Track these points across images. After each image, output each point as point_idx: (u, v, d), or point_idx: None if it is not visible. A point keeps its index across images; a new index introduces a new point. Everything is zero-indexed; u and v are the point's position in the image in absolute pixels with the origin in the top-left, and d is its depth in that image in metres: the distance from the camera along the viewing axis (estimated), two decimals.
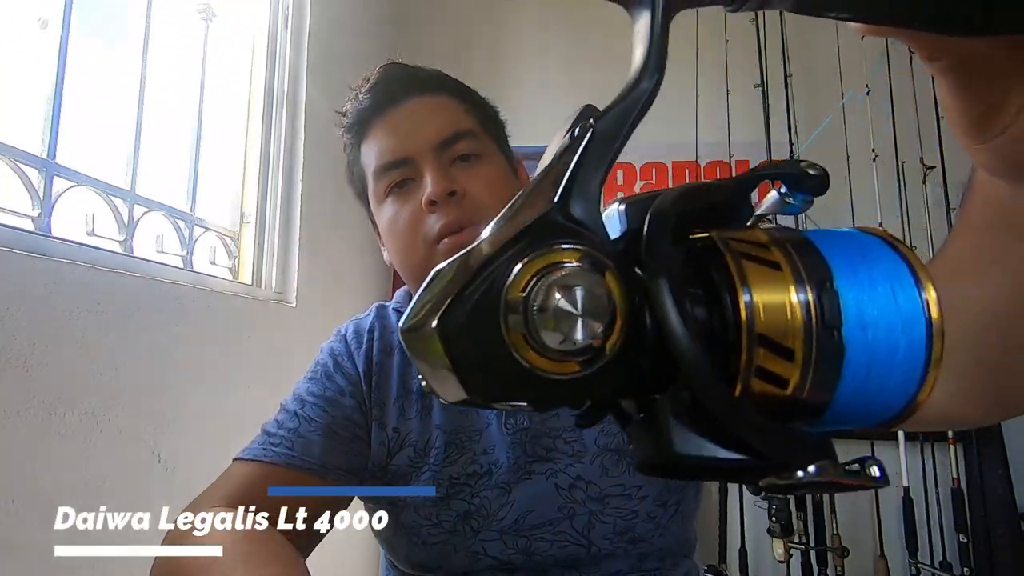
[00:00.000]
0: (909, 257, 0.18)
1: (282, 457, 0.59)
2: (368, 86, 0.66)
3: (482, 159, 0.65)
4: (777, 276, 0.17)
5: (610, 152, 0.19)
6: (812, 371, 0.17)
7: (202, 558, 0.48)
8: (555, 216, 0.18)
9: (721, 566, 1.86)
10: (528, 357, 0.17)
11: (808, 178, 0.21)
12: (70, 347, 0.91)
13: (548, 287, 0.17)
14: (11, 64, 1.00)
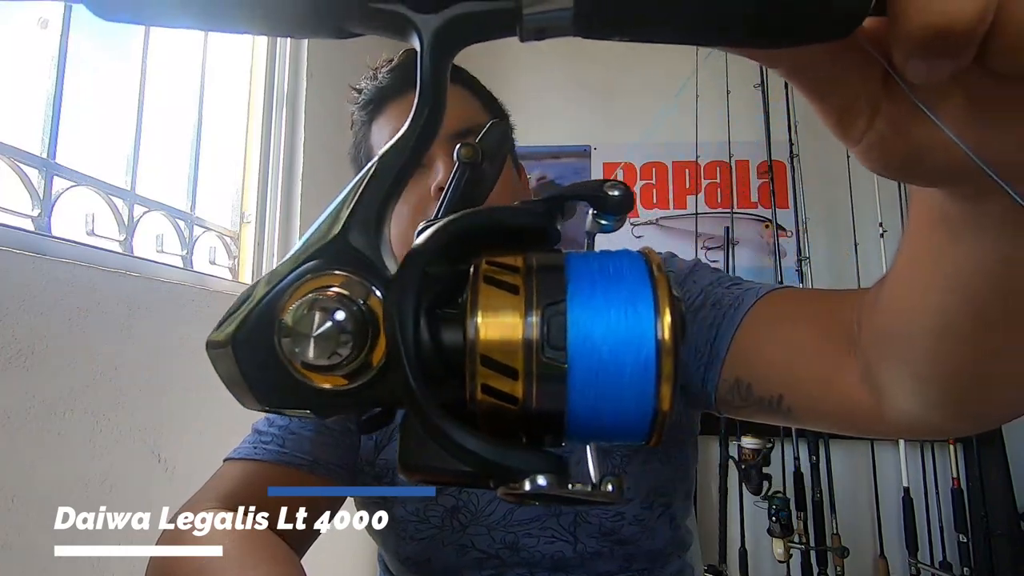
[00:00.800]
0: (658, 282, 0.19)
1: (273, 454, 0.59)
2: (389, 67, 0.65)
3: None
4: (511, 299, 0.18)
5: (389, 186, 0.20)
6: (535, 388, 0.18)
7: (196, 558, 0.48)
8: (335, 244, 0.20)
9: (721, 566, 1.86)
10: (301, 372, 0.19)
11: (608, 199, 0.22)
12: (70, 347, 0.91)
13: (312, 309, 0.19)
14: (11, 64, 1.00)
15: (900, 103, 0.18)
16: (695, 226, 2.16)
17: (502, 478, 0.18)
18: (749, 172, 2.23)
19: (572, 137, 2.30)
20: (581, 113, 2.32)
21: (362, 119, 0.67)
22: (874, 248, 2.00)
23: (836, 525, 1.81)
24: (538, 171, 2.30)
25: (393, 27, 0.19)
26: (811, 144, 2.13)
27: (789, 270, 2.01)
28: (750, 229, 2.20)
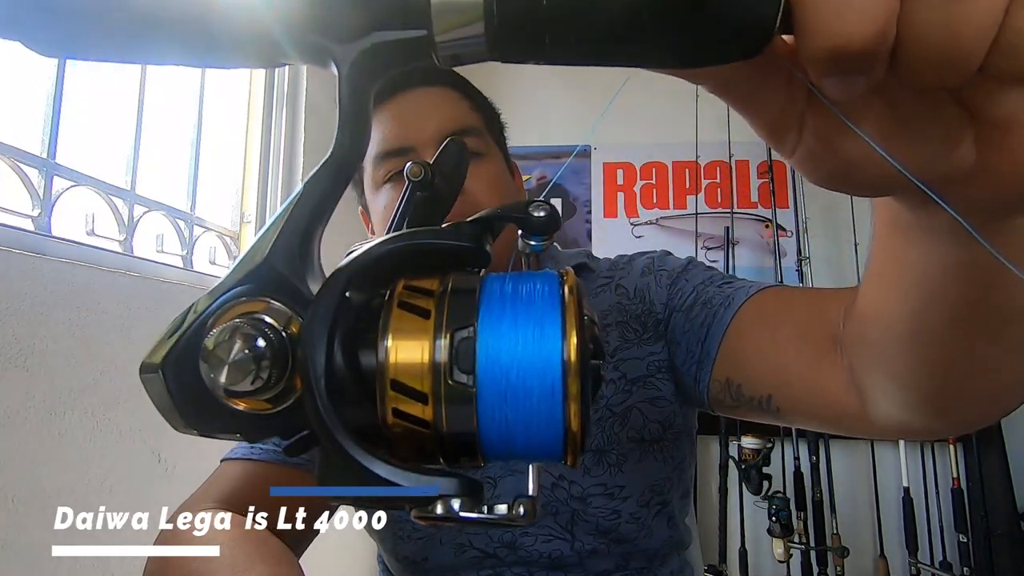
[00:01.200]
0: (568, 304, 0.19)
1: (270, 454, 0.59)
2: None
3: (483, 157, 0.64)
4: (421, 324, 0.19)
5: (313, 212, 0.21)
6: (445, 411, 0.18)
7: (193, 558, 0.48)
8: (261, 270, 0.20)
9: (721, 566, 1.86)
10: (226, 397, 0.19)
11: (533, 220, 0.23)
12: (70, 347, 0.91)
13: (232, 336, 0.19)
14: (11, 64, 1.00)
15: (826, 117, 0.18)
16: (695, 226, 2.16)
17: (414, 502, 0.19)
18: (749, 172, 2.23)
19: (572, 137, 2.30)
20: (581, 113, 2.32)
21: None
22: None
23: (836, 525, 1.81)
24: (538, 171, 2.30)
25: (317, 57, 0.20)
26: None
27: (789, 270, 2.01)
28: (750, 229, 2.20)
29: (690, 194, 2.23)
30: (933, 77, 0.15)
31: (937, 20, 0.14)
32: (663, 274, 0.64)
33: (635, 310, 0.63)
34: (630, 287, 0.65)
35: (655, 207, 2.28)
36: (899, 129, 0.17)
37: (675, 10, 0.16)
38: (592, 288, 0.67)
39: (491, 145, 0.66)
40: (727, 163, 2.17)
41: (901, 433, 0.42)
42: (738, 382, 0.53)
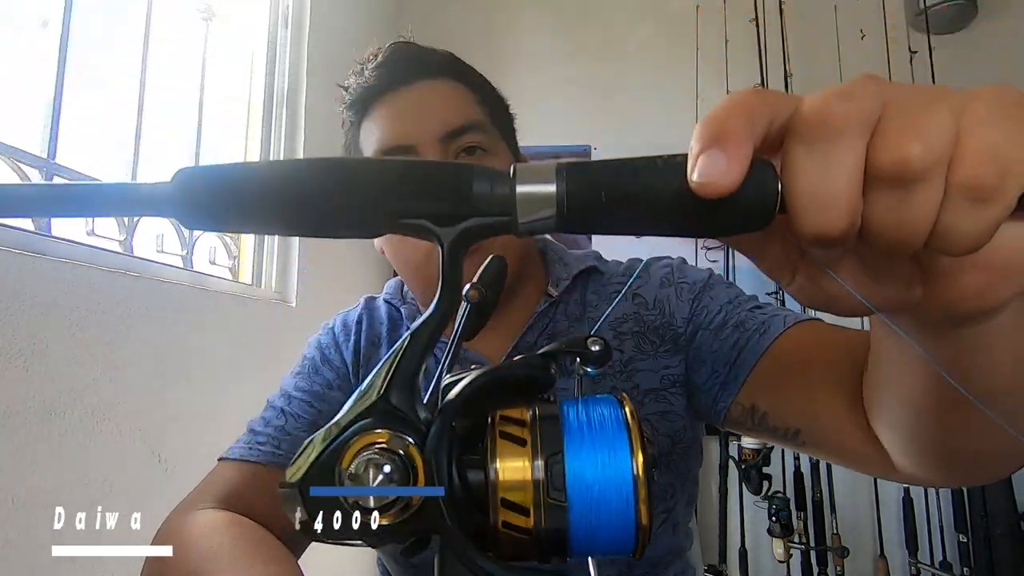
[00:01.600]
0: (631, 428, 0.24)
1: (267, 456, 0.58)
2: (375, 63, 0.62)
3: (488, 154, 0.61)
4: (520, 451, 0.24)
5: (422, 354, 0.25)
6: (543, 520, 0.23)
7: (191, 558, 0.48)
8: (379, 405, 0.24)
9: (721, 566, 1.86)
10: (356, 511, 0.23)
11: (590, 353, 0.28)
12: (70, 347, 0.91)
13: (364, 461, 0.23)
14: (11, 64, 1.00)
15: (813, 264, 0.25)
16: None
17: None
18: None
19: (572, 137, 2.30)
20: (581, 113, 2.32)
21: (350, 119, 0.65)
22: None
23: (836, 525, 1.81)
24: None
25: (420, 234, 0.24)
26: None
27: None
28: None
29: None
30: (890, 250, 0.21)
31: (890, 219, 0.20)
32: (684, 287, 0.63)
33: (653, 321, 0.62)
34: (649, 297, 0.63)
35: None
36: (868, 275, 0.24)
37: (704, 203, 0.21)
38: (607, 294, 0.65)
39: (496, 140, 0.63)
40: None
41: (923, 483, 0.45)
42: (764, 410, 0.53)
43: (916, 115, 0.20)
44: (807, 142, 0.20)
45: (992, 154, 0.19)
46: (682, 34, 2.25)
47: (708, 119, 0.21)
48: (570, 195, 0.22)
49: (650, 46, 2.34)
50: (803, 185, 0.20)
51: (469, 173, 0.23)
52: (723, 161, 0.20)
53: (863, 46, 2.05)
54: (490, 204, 0.23)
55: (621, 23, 2.37)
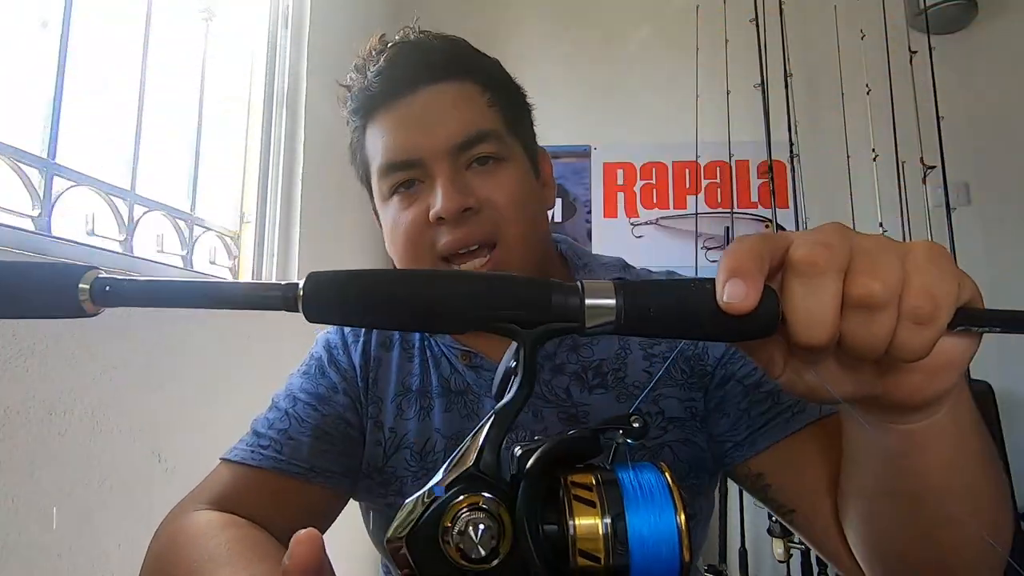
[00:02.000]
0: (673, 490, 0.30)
1: (270, 461, 0.57)
2: (377, 67, 0.57)
3: (503, 163, 0.57)
4: (592, 511, 0.29)
5: (505, 427, 0.30)
6: (612, 569, 0.28)
7: (190, 557, 0.48)
8: (472, 471, 0.30)
9: (721, 566, 1.86)
10: (458, 562, 0.28)
11: (632, 431, 0.34)
12: (70, 347, 0.91)
13: (464, 520, 0.28)
14: (11, 64, 1.00)
15: (799, 363, 0.32)
16: (695, 226, 2.16)
17: None
18: (749, 172, 2.23)
19: (572, 137, 2.30)
20: (581, 113, 2.32)
21: (355, 123, 0.62)
22: None
23: None
24: None
25: (507, 333, 0.30)
26: (811, 144, 2.13)
27: None
28: (750, 229, 2.20)
29: (690, 194, 2.23)
30: (859, 356, 0.29)
31: (861, 333, 0.28)
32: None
33: (686, 351, 0.61)
34: None
35: (655, 207, 2.28)
36: (841, 373, 0.32)
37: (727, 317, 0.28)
38: None
39: (511, 144, 0.59)
40: (727, 163, 2.17)
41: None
42: (770, 483, 0.54)
43: (876, 262, 0.28)
44: (801, 278, 0.28)
45: (928, 291, 0.27)
46: (682, 34, 2.25)
47: (729, 255, 0.29)
48: (627, 309, 0.29)
49: (650, 46, 2.34)
50: (799, 308, 0.28)
51: (549, 288, 0.30)
52: (742, 289, 0.28)
53: (863, 46, 2.05)
54: (564, 312, 0.30)
55: (621, 23, 2.37)
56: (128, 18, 1.23)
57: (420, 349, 0.64)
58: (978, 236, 2.08)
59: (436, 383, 0.62)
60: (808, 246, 0.28)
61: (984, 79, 2.14)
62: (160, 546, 0.53)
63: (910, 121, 1.97)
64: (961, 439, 0.37)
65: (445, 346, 0.62)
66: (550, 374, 0.60)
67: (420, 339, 0.64)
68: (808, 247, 0.28)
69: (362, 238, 2.00)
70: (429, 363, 0.63)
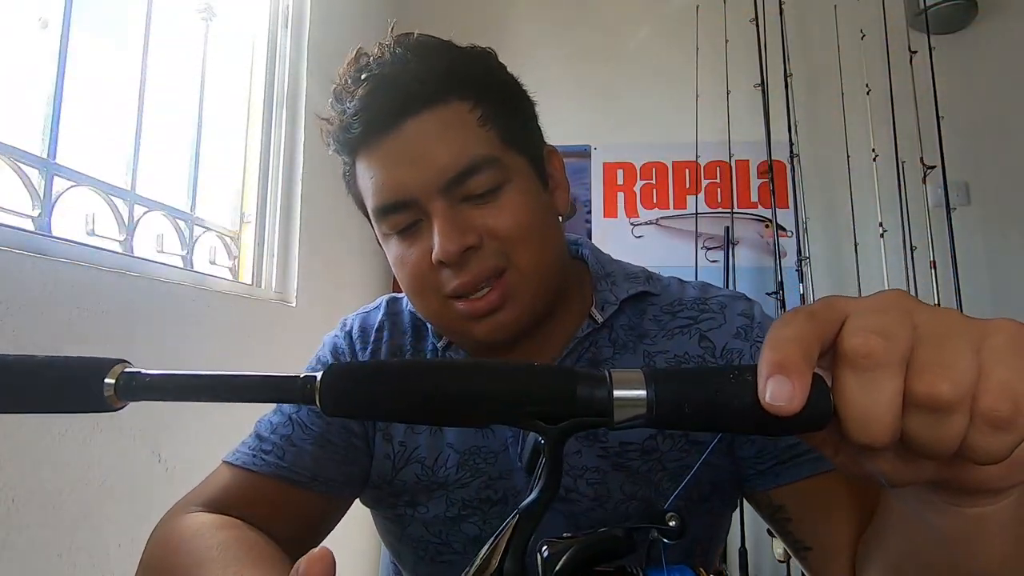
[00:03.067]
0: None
1: (272, 467, 0.57)
2: (354, 107, 0.53)
3: (503, 189, 0.52)
4: None
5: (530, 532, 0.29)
6: None
7: (187, 558, 0.47)
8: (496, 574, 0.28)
9: (721, 566, 1.86)
10: None
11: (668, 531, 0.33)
12: (70, 347, 0.91)
13: None
14: (11, 64, 1.00)
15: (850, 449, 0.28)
16: (695, 226, 2.16)
17: None
18: (749, 172, 2.23)
19: (572, 137, 2.30)
20: (581, 113, 2.33)
21: (343, 159, 0.59)
22: (874, 248, 2.00)
23: None
24: None
25: (530, 428, 0.28)
26: (811, 144, 2.13)
27: (789, 270, 2.01)
28: (750, 229, 2.20)
29: (690, 194, 2.23)
30: (924, 456, 0.26)
31: (925, 435, 0.25)
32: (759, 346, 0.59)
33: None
34: (719, 343, 0.57)
35: (655, 207, 2.28)
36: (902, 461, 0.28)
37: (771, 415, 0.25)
38: (669, 328, 0.59)
39: (510, 163, 0.54)
40: (727, 163, 2.17)
41: None
42: (789, 517, 0.53)
43: (944, 352, 0.25)
44: (855, 371, 0.25)
45: (1008, 391, 0.24)
46: (682, 34, 2.25)
47: (773, 345, 0.26)
48: (659, 403, 0.27)
49: (650, 46, 2.35)
50: (853, 405, 0.25)
51: (574, 380, 0.28)
52: (788, 388, 0.25)
53: (863, 46, 2.05)
54: (590, 405, 0.27)
55: (621, 23, 2.37)
56: (128, 18, 1.23)
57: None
58: (978, 236, 2.08)
59: None
60: (863, 333, 0.25)
61: (984, 79, 2.14)
62: (154, 547, 0.53)
63: (910, 121, 1.97)
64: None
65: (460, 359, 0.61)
66: None
67: (432, 350, 0.62)
68: (863, 335, 0.25)
69: (361, 238, 2.00)
70: None
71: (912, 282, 1.91)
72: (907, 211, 1.95)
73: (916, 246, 1.93)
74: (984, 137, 2.11)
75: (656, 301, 0.60)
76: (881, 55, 2.02)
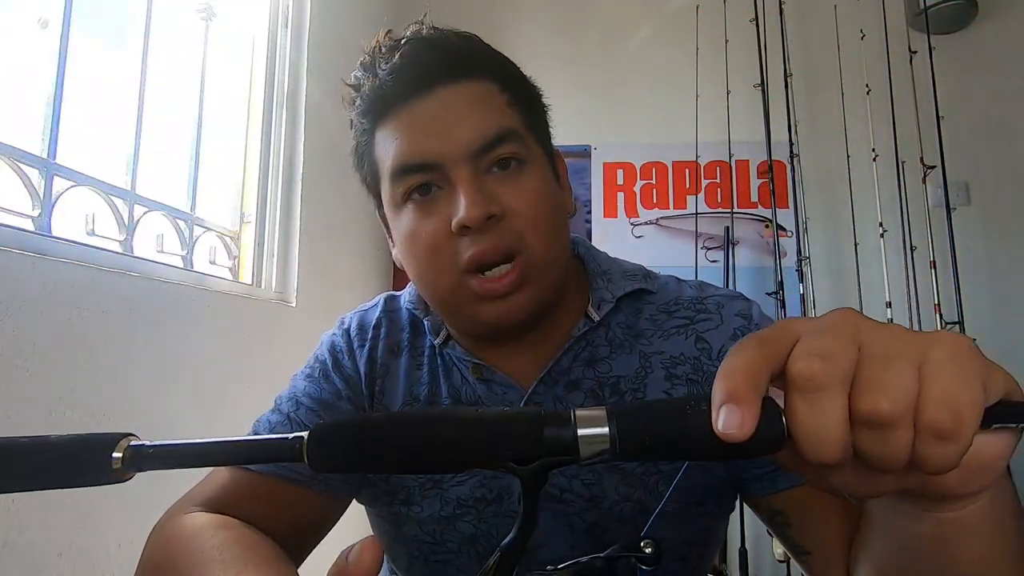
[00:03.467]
0: None
1: (270, 467, 0.56)
2: (391, 66, 0.53)
3: (525, 166, 0.54)
4: None
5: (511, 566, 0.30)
6: None
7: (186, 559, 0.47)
8: None
9: (721, 566, 1.86)
10: None
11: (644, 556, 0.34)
12: (70, 347, 0.91)
13: None
14: (11, 64, 1.00)
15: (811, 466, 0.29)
16: (695, 226, 2.16)
17: None
18: (749, 172, 2.23)
19: (572, 137, 2.30)
20: (581, 113, 2.32)
21: (363, 126, 0.57)
22: (874, 248, 2.00)
23: None
24: None
25: (503, 470, 0.30)
26: (811, 144, 2.13)
27: (789, 270, 2.01)
28: (750, 229, 2.20)
29: (690, 194, 2.23)
30: (878, 470, 0.27)
31: (875, 450, 0.26)
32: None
33: (715, 374, 0.58)
34: (715, 344, 0.57)
35: (655, 207, 2.28)
36: (866, 474, 0.28)
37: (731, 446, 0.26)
38: (665, 329, 0.59)
39: (533, 147, 0.56)
40: (727, 163, 2.17)
41: None
42: (789, 522, 0.53)
43: (886, 370, 0.25)
44: (802, 393, 0.26)
45: (948, 402, 0.25)
46: (682, 34, 2.25)
47: (723, 374, 0.27)
48: (621, 439, 0.28)
49: (650, 46, 2.34)
50: (803, 426, 0.26)
51: (541, 422, 0.29)
52: (737, 416, 0.25)
53: (863, 46, 2.05)
54: (557, 445, 0.29)
55: (621, 23, 2.37)
56: (128, 17, 1.23)
57: (430, 357, 0.62)
58: (978, 236, 2.08)
59: (446, 393, 0.60)
60: (807, 357, 0.26)
61: (984, 79, 2.14)
62: (154, 547, 0.52)
63: (910, 121, 1.97)
64: (1002, 528, 0.34)
65: (457, 358, 0.60)
66: (564, 390, 0.58)
67: (430, 347, 0.62)
68: (806, 358, 0.26)
69: (361, 238, 2.00)
70: (439, 372, 0.61)
71: (912, 282, 1.91)
72: (907, 211, 1.95)
73: (916, 246, 1.93)
74: (984, 137, 2.11)
75: (653, 300, 0.61)
76: (881, 55, 2.02)
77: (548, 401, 0.57)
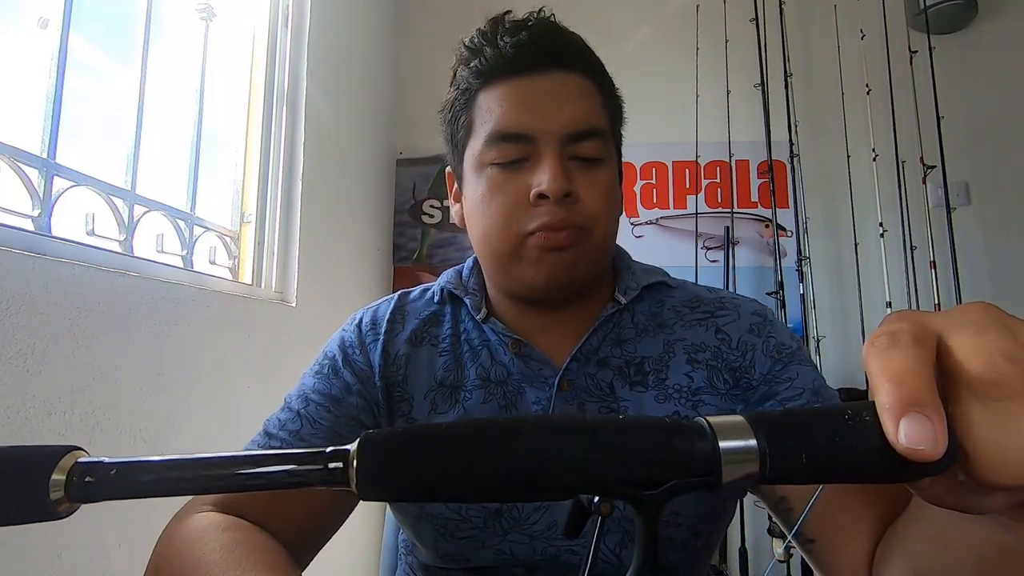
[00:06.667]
0: None
1: None
2: (517, 39, 0.58)
3: (602, 164, 0.59)
4: None
5: None
6: None
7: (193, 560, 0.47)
8: None
9: (721, 566, 1.86)
10: None
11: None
12: (70, 347, 0.91)
13: None
14: (11, 64, 1.00)
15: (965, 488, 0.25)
16: (695, 226, 2.16)
17: None
18: (749, 172, 2.23)
19: None
20: None
21: (469, 84, 0.60)
22: (874, 248, 2.00)
23: None
24: None
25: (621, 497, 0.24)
26: (811, 144, 2.13)
27: (789, 270, 2.01)
28: (750, 229, 2.20)
29: (690, 194, 2.23)
30: None
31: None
32: (771, 342, 0.61)
33: (733, 362, 0.60)
34: (733, 336, 0.61)
35: (655, 207, 2.28)
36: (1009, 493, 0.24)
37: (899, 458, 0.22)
38: (687, 320, 0.63)
39: (611, 150, 0.61)
40: (727, 163, 2.17)
41: None
42: (792, 508, 0.53)
43: None
44: (984, 402, 0.22)
45: None
46: (682, 34, 2.25)
47: (890, 378, 0.22)
48: (771, 454, 0.23)
49: (650, 46, 2.34)
50: (987, 442, 0.22)
51: (672, 433, 0.23)
52: (930, 428, 0.21)
53: (863, 46, 2.05)
54: (690, 462, 0.23)
55: (621, 23, 2.37)
56: (128, 17, 1.22)
57: (453, 343, 0.64)
58: (978, 236, 2.08)
59: (474, 376, 0.61)
60: (986, 358, 0.22)
61: (984, 79, 2.14)
62: (162, 547, 0.52)
63: (910, 121, 1.97)
64: None
65: (495, 334, 0.62)
66: (595, 367, 0.61)
67: (453, 332, 0.64)
68: (986, 359, 0.22)
69: (362, 238, 2.00)
70: (465, 356, 0.63)
71: (912, 282, 1.91)
72: (907, 211, 1.95)
73: (916, 246, 1.93)
74: (984, 137, 2.11)
75: (674, 295, 0.65)
76: (881, 55, 2.02)
77: (580, 379, 0.60)
